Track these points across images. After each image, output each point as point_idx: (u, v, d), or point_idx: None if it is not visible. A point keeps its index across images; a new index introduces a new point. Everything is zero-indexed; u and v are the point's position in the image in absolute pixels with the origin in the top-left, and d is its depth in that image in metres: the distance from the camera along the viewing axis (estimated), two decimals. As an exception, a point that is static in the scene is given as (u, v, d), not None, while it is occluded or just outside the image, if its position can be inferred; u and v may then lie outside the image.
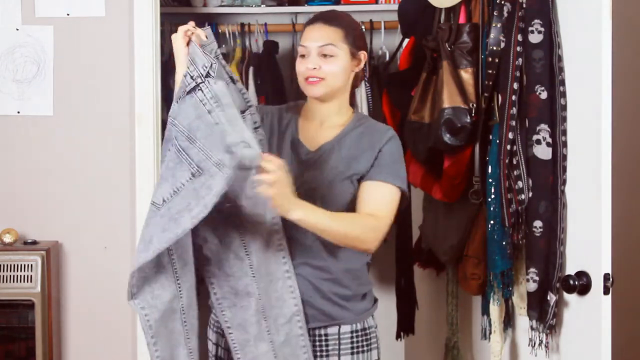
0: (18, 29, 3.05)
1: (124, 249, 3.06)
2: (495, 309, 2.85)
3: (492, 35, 2.70)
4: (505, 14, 2.66)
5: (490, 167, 2.73)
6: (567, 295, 2.54)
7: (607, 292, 2.38)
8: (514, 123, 2.62)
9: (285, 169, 2.12)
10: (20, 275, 2.93)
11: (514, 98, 2.62)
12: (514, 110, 2.62)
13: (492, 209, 2.72)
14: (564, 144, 2.55)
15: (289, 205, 2.14)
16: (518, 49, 2.61)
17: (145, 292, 2.22)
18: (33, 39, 3.05)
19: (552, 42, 2.57)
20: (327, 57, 2.34)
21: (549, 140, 2.56)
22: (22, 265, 2.93)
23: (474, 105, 2.80)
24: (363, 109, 3.76)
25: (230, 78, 2.29)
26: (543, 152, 2.57)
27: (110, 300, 3.07)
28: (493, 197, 2.71)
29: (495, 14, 2.70)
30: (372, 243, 2.30)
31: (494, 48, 2.70)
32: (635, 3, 3.32)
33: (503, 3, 2.67)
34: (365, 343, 2.41)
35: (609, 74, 2.36)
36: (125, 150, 3.05)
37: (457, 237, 2.96)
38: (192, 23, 2.27)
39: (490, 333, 2.89)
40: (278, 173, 2.09)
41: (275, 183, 2.08)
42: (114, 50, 3.06)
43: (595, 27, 2.37)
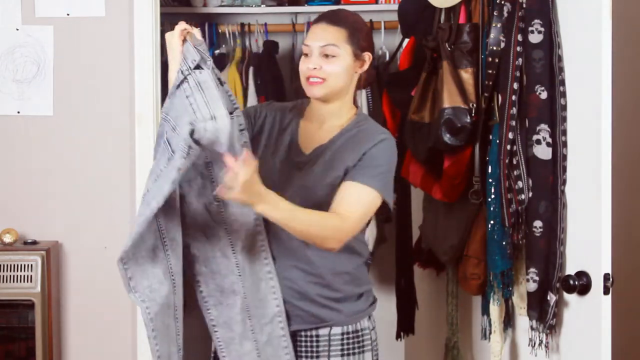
0: (18, 29, 3.05)
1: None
2: (495, 309, 2.85)
3: (492, 35, 2.70)
4: (505, 14, 2.66)
5: (490, 167, 2.73)
6: (567, 295, 2.54)
7: (607, 292, 2.38)
8: (514, 123, 2.62)
9: (250, 163, 2.08)
10: (20, 275, 2.93)
11: (514, 98, 2.63)
12: (514, 110, 2.63)
13: (492, 209, 2.72)
14: (564, 144, 2.55)
15: (251, 198, 2.12)
16: (518, 49, 2.61)
17: (144, 286, 2.23)
18: (33, 39, 3.05)
19: (552, 42, 2.57)
20: (328, 57, 2.32)
21: (549, 140, 2.56)
22: (22, 265, 2.93)
23: (474, 105, 2.80)
24: (363, 109, 3.76)
25: (218, 79, 2.30)
26: (543, 152, 2.57)
27: (110, 300, 3.07)
28: (493, 197, 2.71)
29: (495, 14, 2.70)
30: (332, 243, 2.26)
31: (494, 48, 2.70)
32: (635, 3, 3.32)
33: (503, 3, 2.67)
34: (357, 345, 2.39)
35: (609, 74, 2.36)
36: (125, 150, 3.05)
37: (457, 237, 2.96)
38: (183, 23, 2.26)
39: (490, 333, 2.89)
40: (239, 167, 2.07)
41: (237, 177, 2.06)
42: (114, 50, 3.06)
43: (595, 27, 2.37)
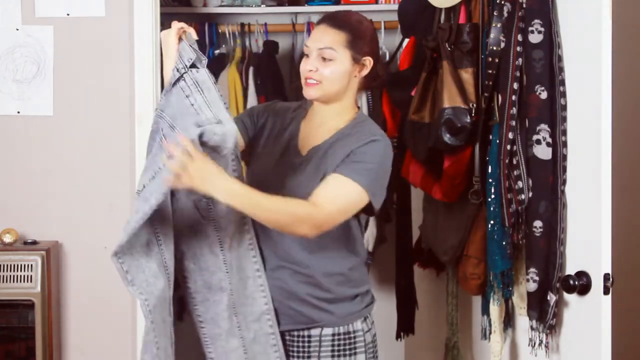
0: (18, 29, 3.05)
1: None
2: (495, 309, 2.85)
3: (492, 35, 2.70)
4: (505, 14, 2.66)
5: (490, 167, 2.73)
6: (567, 295, 2.54)
7: (607, 292, 2.38)
8: (514, 123, 2.62)
9: (199, 152, 2.08)
10: (20, 275, 2.93)
11: (514, 98, 2.63)
12: (514, 110, 2.63)
13: (492, 209, 2.72)
14: (564, 144, 2.55)
15: (202, 185, 2.10)
16: (518, 49, 2.61)
17: (141, 279, 2.24)
18: (33, 39, 3.05)
19: (552, 42, 2.57)
20: (326, 60, 2.32)
21: (549, 140, 2.56)
22: (22, 265, 2.93)
23: (474, 105, 2.80)
24: (363, 110, 3.76)
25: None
26: (543, 152, 2.57)
27: (110, 300, 3.07)
28: (493, 197, 2.71)
29: (495, 14, 2.70)
30: (303, 229, 2.21)
31: (494, 48, 2.70)
32: (635, 3, 3.32)
33: (503, 3, 2.67)
34: (349, 347, 2.37)
35: (609, 74, 2.36)
36: (125, 150, 3.05)
37: (457, 237, 2.96)
38: (177, 22, 2.26)
39: (490, 333, 2.89)
40: (188, 164, 2.06)
41: (190, 171, 2.06)
42: (114, 50, 3.06)
43: (595, 27, 2.37)
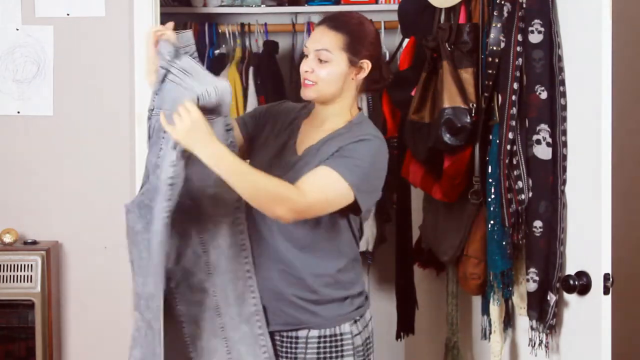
0: (18, 29, 3.05)
1: (124, 249, 3.05)
2: (495, 309, 2.85)
3: (492, 35, 2.70)
4: (505, 14, 2.66)
5: (490, 167, 2.73)
6: (567, 295, 2.54)
7: (607, 292, 2.38)
8: (514, 123, 2.62)
9: (199, 115, 2.10)
10: (20, 275, 2.93)
11: (514, 98, 2.63)
12: (514, 110, 2.63)
13: (492, 209, 2.72)
14: (564, 144, 2.55)
15: (194, 143, 2.11)
16: (518, 49, 2.61)
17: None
18: (33, 39, 3.05)
19: (552, 42, 2.57)
20: (322, 62, 2.31)
21: (549, 140, 2.56)
22: (22, 265, 2.93)
23: (474, 105, 2.80)
24: (363, 110, 3.76)
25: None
26: (543, 152, 2.57)
27: (110, 300, 3.07)
28: (493, 197, 2.71)
29: (495, 14, 2.70)
30: (281, 210, 2.17)
31: (494, 48, 2.70)
32: (635, 3, 3.32)
33: (503, 3, 2.67)
34: (334, 349, 2.34)
35: (609, 74, 2.36)
36: (125, 150, 3.05)
37: (457, 237, 2.96)
38: (169, 24, 2.27)
39: (490, 333, 2.90)
40: (186, 119, 2.09)
41: (183, 124, 2.09)
42: (114, 50, 3.06)
43: (595, 27, 2.37)
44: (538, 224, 2.59)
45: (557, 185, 2.56)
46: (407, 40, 3.26)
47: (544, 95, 2.57)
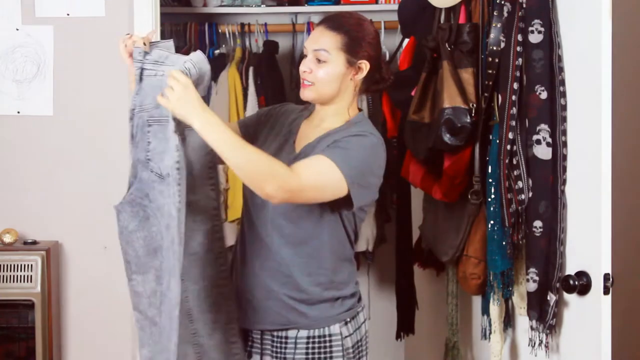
0: (18, 29, 3.05)
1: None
2: (495, 309, 2.85)
3: (492, 35, 2.70)
4: (505, 14, 2.66)
5: (490, 167, 2.73)
6: (567, 295, 2.54)
7: (607, 292, 2.38)
8: (514, 123, 2.62)
9: (188, 81, 2.11)
10: (20, 275, 2.93)
11: (514, 98, 2.63)
12: (514, 110, 2.63)
13: (492, 209, 2.72)
14: (564, 144, 2.55)
15: (186, 113, 2.10)
16: (518, 49, 2.61)
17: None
18: (33, 39, 3.05)
19: (552, 42, 2.57)
20: (320, 62, 2.31)
21: (549, 140, 2.56)
22: (22, 265, 2.93)
23: (474, 105, 2.80)
24: (363, 110, 3.76)
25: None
26: (543, 152, 2.57)
27: (110, 300, 3.07)
28: (493, 197, 2.72)
29: (495, 14, 2.70)
30: (271, 187, 2.13)
31: (494, 48, 2.70)
32: (636, 3, 3.32)
33: (503, 3, 2.67)
34: (323, 351, 2.33)
35: (609, 74, 2.36)
36: (125, 151, 3.03)
37: (457, 237, 2.96)
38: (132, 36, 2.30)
39: (490, 333, 2.89)
40: (177, 86, 2.09)
41: (172, 93, 2.09)
42: (114, 50, 3.03)
43: (595, 27, 2.37)
44: (538, 224, 2.59)
45: (557, 185, 2.56)
46: (407, 40, 3.26)
47: (544, 95, 2.57)
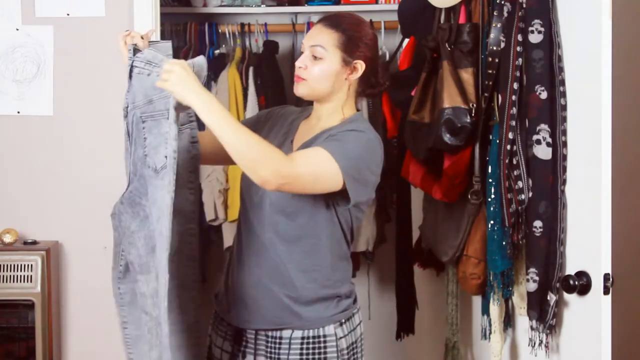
0: (18, 29, 3.05)
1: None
2: (495, 309, 2.85)
3: (492, 35, 2.70)
4: (505, 14, 2.67)
5: (490, 167, 2.73)
6: (567, 295, 2.54)
7: (607, 292, 2.38)
8: (514, 123, 2.62)
9: (184, 62, 2.12)
10: (20, 275, 2.93)
11: (514, 98, 2.63)
12: (514, 110, 2.63)
13: (492, 209, 2.72)
14: (564, 144, 2.55)
15: (185, 93, 2.09)
16: (518, 49, 2.61)
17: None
18: (33, 39, 3.05)
19: (552, 42, 2.57)
20: (316, 58, 2.31)
21: (549, 140, 2.56)
22: (22, 265, 2.93)
23: (474, 105, 2.80)
24: (363, 109, 3.76)
25: None
26: (543, 152, 2.57)
27: (110, 300, 3.06)
28: (493, 197, 2.72)
29: (495, 14, 2.70)
30: (266, 171, 2.11)
31: (494, 48, 2.70)
32: (636, 3, 3.32)
33: (503, 3, 2.67)
34: (317, 351, 2.32)
35: (609, 74, 2.36)
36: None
37: (457, 237, 2.96)
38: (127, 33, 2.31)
39: (490, 333, 2.90)
40: (176, 67, 2.09)
41: (169, 74, 2.09)
42: (114, 50, 3.04)
43: (595, 27, 2.37)
44: (538, 224, 2.59)
45: (557, 185, 2.56)
46: (407, 40, 3.26)
47: (544, 95, 2.57)
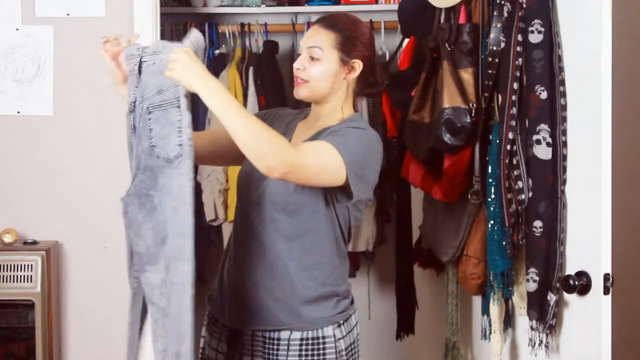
0: (18, 29, 3.05)
1: (124, 249, 3.06)
2: (495, 309, 2.85)
3: (492, 35, 2.70)
4: (505, 14, 2.67)
5: (490, 167, 2.73)
6: (567, 295, 2.54)
7: (607, 292, 2.38)
8: (514, 123, 2.62)
9: (189, 49, 2.12)
10: (20, 275, 2.93)
11: (514, 98, 2.63)
12: (514, 110, 2.63)
13: (492, 209, 2.72)
14: (564, 144, 2.55)
15: (191, 80, 2.09)
16: (518, 49, 2.61)
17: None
18: (33, 39, 3.05)
19: (552, 42, 2.57)
20: (314, 59, 2.32)
21: (549, 140, 2.56)
22: (22, 265, 2.93)
23: (474, 105, 2.80)
24: (363, 110, 3.76)
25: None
26: (543, 152, 2.57)
27: (111, 300, 3.07)
28: (493, 197, 2.72)
29: (495, 14, 2.70)
30: (273, 160, 2.10)
31: (494, 48, 2.70)
32: (635, 3, 3.32)
33: (503, 3, 2.67)
34: (316, 353, 2.32)
35: (609, 74, 2.36)
36: (125, 150, 3.04)
37: (457, 237, 2.96)
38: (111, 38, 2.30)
39: (490, 333, 2.89)
40: (181, 55, 2.09)
41: (176, 62, 2.08)
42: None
43: (595, 27, 2.37)
44: (538, 224, 2.59)
45: (557, 185, 2.56)
46: (407, 40, 3.26)
47: (544, 95, 2.57)
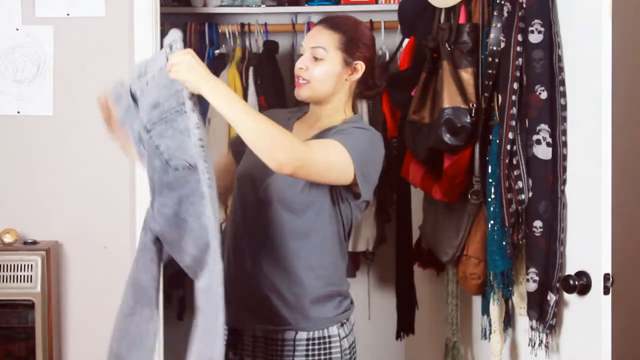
0: (18, 29, 3.05)
1: (124, 249, 3.06)
2: (495, 309, 2.85)
3: (492, 35, 2.70)
4: (505, 14, 2.67)
5: (490, 167, 2.73)
6: (567, 295, 2.54)
7: (607, 292, 2.38)
8: (514, 123, 2.62)
9: (189, 50, 2.11)
10: (20, 275, 2.93)
11: (514, 98, 2.63)
12: (514, 110, 2.63)
13: (492, 209, 2.72)
14: (564, 144, 2.55)
15: (197, 82, 2.07)
16: (518, 49, 2.61)
17: None
18: (33, 39, 3.05)
19: (552, 42, 2.57)
20: (317, 60, 2.33)
21: (549, 140, 2.56)
22: (22, 265, 2.93)
23: (474, 105, 2.80)
24: (363, 109, 3.76)
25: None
26: (543, 152, 2.57)
27: (110, 301, 3.07)
28: (493, 197, 2.72)
29: (495, 14, 2.70)
30: (282, 155, 2.10)
31: (494, 48, 2.70)
32: (635, 3, 3.32)
33: (503, 3, 2.67)
34: (323, 352, 2.33)
35: (609, 74, 2.36)
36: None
37: (457, 237, 2.96)
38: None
39: (490, 333, 2.89)
40: (186, 57, 2.07)
41: (180, 64, 2.07)
42: (114, 50, 3.06)
43: (595, 27, 2.37)
44: (538, 224, 2.59)
45: (557, 185, 2.56)
46: (407, 40, 3.26)
47: (544, 95, 2.57)
